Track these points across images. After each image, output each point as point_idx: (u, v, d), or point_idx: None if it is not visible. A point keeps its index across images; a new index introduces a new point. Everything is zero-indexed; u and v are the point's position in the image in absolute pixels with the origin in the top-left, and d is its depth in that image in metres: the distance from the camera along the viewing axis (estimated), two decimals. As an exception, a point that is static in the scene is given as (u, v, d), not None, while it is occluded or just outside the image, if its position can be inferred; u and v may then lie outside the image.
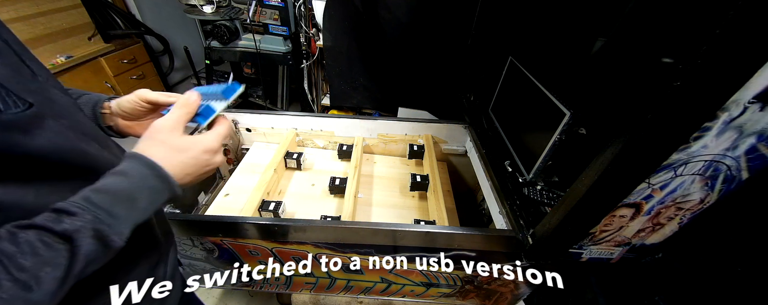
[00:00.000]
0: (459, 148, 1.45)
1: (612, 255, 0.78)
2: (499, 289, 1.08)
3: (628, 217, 0.66)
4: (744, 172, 0.57)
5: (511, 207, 0.94)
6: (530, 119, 1.03)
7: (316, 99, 2.31)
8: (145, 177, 0.40)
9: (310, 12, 1.91)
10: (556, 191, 0.99)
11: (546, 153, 0.91)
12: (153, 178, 0.41)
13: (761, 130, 0.50)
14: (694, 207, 0.65)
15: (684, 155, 0.54)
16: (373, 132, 1.42)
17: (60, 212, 0.34)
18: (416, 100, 1.96)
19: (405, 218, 1.18)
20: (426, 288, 1.10)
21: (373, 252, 0.93)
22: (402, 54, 1.74)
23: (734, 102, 0.46)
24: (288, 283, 1.10)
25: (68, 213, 0.34)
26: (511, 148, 1.13)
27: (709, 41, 0.40)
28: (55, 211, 0.34)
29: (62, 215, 0.33)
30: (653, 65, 0.82)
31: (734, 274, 0.67)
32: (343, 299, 1.19)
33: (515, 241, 0.86)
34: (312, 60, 2.07)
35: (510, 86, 1.20)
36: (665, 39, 0.80)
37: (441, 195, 1.12)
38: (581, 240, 0.73)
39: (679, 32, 0.72)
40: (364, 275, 1.04)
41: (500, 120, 1.26)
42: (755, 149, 0.53)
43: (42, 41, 1.81)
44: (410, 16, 1.61)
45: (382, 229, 0.86)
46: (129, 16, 2.40)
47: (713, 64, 0.41)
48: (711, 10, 0.40)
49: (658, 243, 0.74)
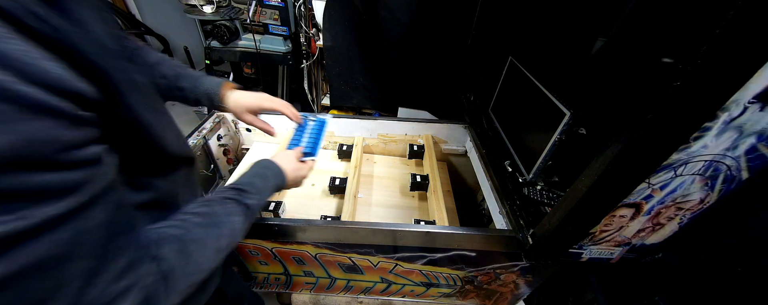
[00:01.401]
0: (459, 148, 1.45)
1: (612, 255, 0.78)
2: (499, 289, 1.08)
3: (628, 217, 0.66)
4: (744, 172, 0.57)
5: (511, 207, 0.94)
6: (530, 119, 1.03)
7: (316, 99, 2.30)
8: (277, 176, 0.62)
9: (310, 12, 1.91)
10: (556, 191, 0.99)
11: (546, 153, 0.91)
12: (280, 179, 0.62)
13: (761, 130, 0.50)
14: (694, 207, 0.65)
15: (684, 155, 0.54)
16: (373, 132, 1.42)
17: (241, 191, 0.51)
18: (416, 100, 1.95)
19: (405, 218, 1.18)
20: (426, 288, 1.10)
21: (373, 252, 0.93)
22: (402, 54, 1.74)
23: (734, 102, 0.46)
24: (288, 283, 1.10)
25: (246, 193, 0.51)
26: (511, 148, 1.13)
27: (709, 41, 0.40)
28: (238, 190, 0.51)
29: (243, 194, 0.51)
30: (653, 65, 0.82)
31: (734, 274, 0.67)
32: (343, 299, 1.19)
33: (515, 241, 0.86)
34: (312, 60, 2.07)
35: (510, 86, 1.20)
36: (665, 39, 0.80)
37: (441, 195, 1.12)
38: (581, 240, 0.73)
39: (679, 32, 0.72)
40: (364, 275, 1.04)
41: (500, 120, 1.26)
42: (755, 149, 0.53)
43: (42, 41, 1.81)
44: (410, 16, 1.61)
45: (382, 229, 0.86)
46: (129, 15, 2.40)
47: (713, 64, 0.41)
48: (711, 10, 0.40)
49: (658, 243, 0.74)
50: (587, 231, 0.70)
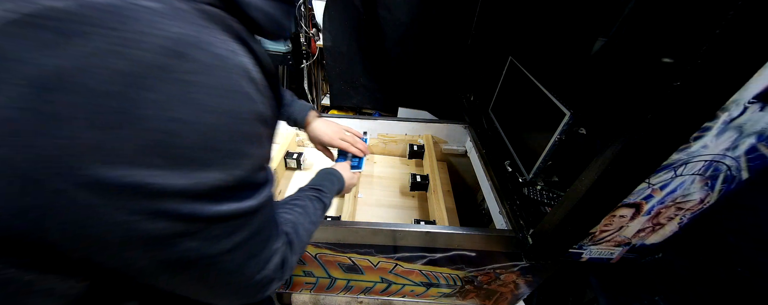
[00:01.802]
0: (459, 148, 1.45)
1: (612, 255, 0.78)
2: (499, 289, 1.08)
3: (628, 217, 0.66)
4: (744, 172, 0.57)
5: (511, 207, 0.94)
6: (530, 119, 1.03)
7: (316, 99, 2.31)
8: (340, 182, 0.73)
9: (310, 12, 1.91)
10: (556, 191, 0.99)
11: (546, 153, 0.91)
12: (341, 184, 0.73)
13: (761, 130, 0.50)
14: (694, 207, 0.65)
15: (684, 155, 0.54)
16: (373, 132, 1.42)
17: (320, 191, 0.61)
18: (416, 100, 1.95)
19: (405, 218, 1.18)
20: (426, 288, 1.10)
21: (373, 252, 0.93)
22: (402, 54, 1.74)
23: (734, 102, 0.46)
24: (288, 283, 1.10)
25: (323, 193, 0.61)
26: (511, 148, 1.13)
27: (709, 41, 0.40)
28: (317, 190, 0.61)
29: (321, 193, 0.61)
30: (653, 65, 0.82)
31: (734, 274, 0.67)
32: (343, 299, 1.19)
33: (515, 241, 0.86)
34: (312, 60, 2.07)
35: (510, 86, 1.20)
36: (665, 39, 0.80)
37: (441, 195, 1.12)
38: (581, 240, 0.73)
39: (679, 32, 0.72)
40: (364, 275, 1.04)
41: (500, 120, 1.26)
42: (755, 149, 0.53)
43: (42, 41, 1.81)
44: (410, 16, 1.61)
45: (382, 229, 0.86)
46: (129, 16, 2.40)
47: (713, 64, 0.41)
48: (711, 10, 0.40)
49: (658, 243, 0.74)
50: (587, 231, 0.70)
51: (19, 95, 0.20)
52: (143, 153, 0.22)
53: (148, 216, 0.24)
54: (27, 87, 0.20)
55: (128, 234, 0.24)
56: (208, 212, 0.27)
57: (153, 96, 0.22)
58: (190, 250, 0.27)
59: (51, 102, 0.20)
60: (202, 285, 0.32)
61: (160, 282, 0.30)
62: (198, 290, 0.33)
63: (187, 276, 0.30)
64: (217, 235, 0.29)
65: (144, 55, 0.22)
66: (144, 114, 0.22)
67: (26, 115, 0.20)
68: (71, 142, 0.21)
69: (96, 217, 0.23)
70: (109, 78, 0.21)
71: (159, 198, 0.24)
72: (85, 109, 0.21)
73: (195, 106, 0.24)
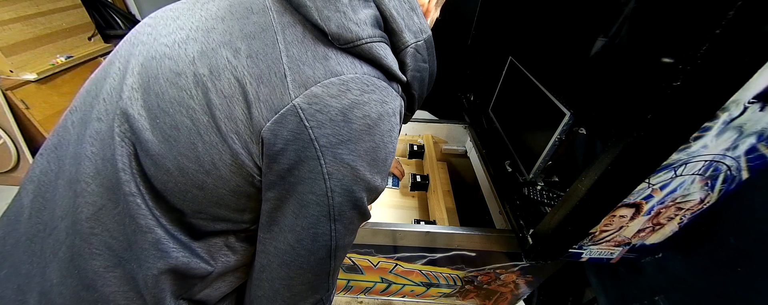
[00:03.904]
0: (459, 147, 1.45)
1: (612, 255, 0.78)
2: (499, 289, 1.08)
3: (628, 217, 0.66)
4: (744, 172, 0.57)
5: (511, 207, 0.94)
6: (530, 119, 1.03)
7: (316, 99, 2.30)
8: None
9: (310, 12, 1.91)
10: (556, 191, 0.99)
11: (546, 153, 0.91)
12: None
13: (761, 130, 0.50)
14: (694, 207, 0.65)
15: (684, 155, 0.54)
16: (373, 132, 1.42)
17: None
18: (416, 100, 1.95)
19: (405, 218, 1.18)
20: (426, 288, 1.10)
21: (373, 252, 0.93)
22: (402, 54, 1.74)
23: (734, 102, 0.46)
24: (288, 283, 1.10)
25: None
26: (511, 148, 1.12)
27: (709, 41, 0.40)
28: None
29: None
30: (653, 65, 0.82)
31: (734, 274, 0.67)
32: (343, 299, 1.19)
33: (515, 241, 0.86)
34: (312, 60, 2.07)
35: (510, 86, 1.20)
36: (665, 39, 0.80)
37: (441, 196, 1.12)
38: (581, 240, 0.73)
39: (679, 32, 0.71)
40: (364, 275, 1.04)
41: (500, 120, 1.26)
42: (755, 149, 0.53)
43: (42, 41, 1.81)
44: (410, 16, 1.61)
45: (382, 229, 0.86)
46: (129, 15, 2.40)
47: (713, 64, 0.41)
48: (711, 10, 0.40)
49: (658, 243, 0.74)
50: (587, 231, 0.70)
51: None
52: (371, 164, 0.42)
53: (364, 188, 0.42)
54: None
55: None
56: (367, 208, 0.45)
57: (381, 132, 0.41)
58: (349, 213, 0.42)
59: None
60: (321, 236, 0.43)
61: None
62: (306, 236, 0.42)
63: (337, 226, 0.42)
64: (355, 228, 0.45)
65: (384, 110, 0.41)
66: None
67: None
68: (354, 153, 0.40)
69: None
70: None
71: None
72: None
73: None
